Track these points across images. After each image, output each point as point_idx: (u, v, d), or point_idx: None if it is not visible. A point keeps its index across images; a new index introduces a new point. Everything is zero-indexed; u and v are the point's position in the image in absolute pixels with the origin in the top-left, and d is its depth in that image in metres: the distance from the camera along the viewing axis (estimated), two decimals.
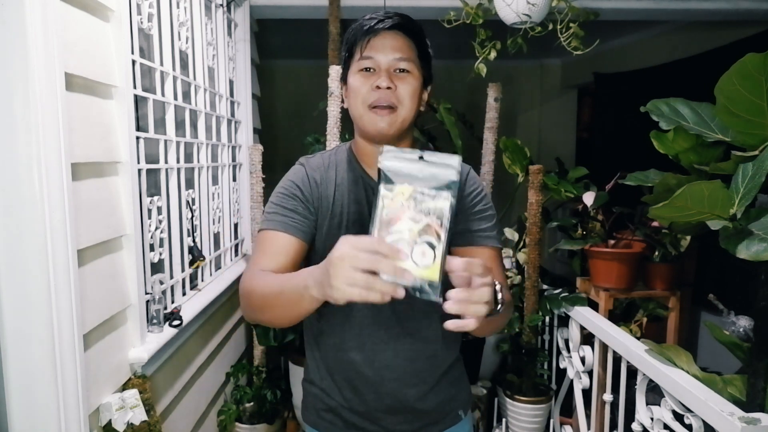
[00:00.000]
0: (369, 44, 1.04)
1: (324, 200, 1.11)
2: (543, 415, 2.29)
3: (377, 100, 1.04)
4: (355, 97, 1.07)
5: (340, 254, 0.74)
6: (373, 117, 1.05)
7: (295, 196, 1.10)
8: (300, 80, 4.52)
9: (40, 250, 1.06)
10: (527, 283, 2.32)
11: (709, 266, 2.86)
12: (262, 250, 1.08)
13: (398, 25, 1.05)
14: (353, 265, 0.73)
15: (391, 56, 1.04)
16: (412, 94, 1.06)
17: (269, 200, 1.13)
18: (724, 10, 2.56)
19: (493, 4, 2.08)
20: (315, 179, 1.12)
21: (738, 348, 1.64)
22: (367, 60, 1.05)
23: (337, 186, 1.12)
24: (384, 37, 1.04)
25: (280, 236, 1.07)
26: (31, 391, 1.09)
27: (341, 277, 0.73)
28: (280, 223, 1.07)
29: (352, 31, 1.08)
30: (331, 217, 1.10)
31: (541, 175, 2.30)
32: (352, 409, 1.15)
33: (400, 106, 1.05)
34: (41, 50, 1.03)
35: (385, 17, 1.04)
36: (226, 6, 2.31)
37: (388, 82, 1.03)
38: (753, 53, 1.22)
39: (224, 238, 2.33)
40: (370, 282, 0.72)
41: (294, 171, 1.15)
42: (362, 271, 0.72)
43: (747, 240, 1.21)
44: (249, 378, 2.36)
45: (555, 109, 4.98)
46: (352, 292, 0.73)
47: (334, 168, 1.14)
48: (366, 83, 1.05)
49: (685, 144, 1.61)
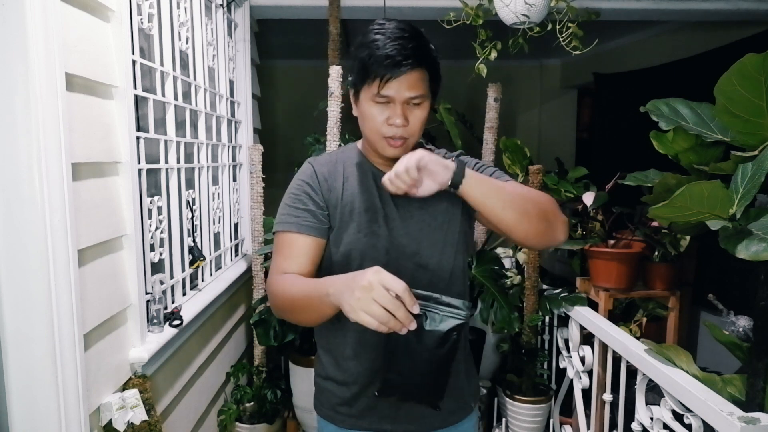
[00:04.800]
0: (387, 84, 1.05)
1: (333, 191, 1.16)
2: (543, 414, 2.29)
3: (392, 135, 1.09)
4: (369, 124, 1.11)
5: (369, 284, 0.85)
6: (387, 146, 1.12)
7: (306, 193, 1.15)
8: (300, 80, 4.52)
9: (40, 250, 1.06)
10: (527, 283, 2.32)
11: (709, 266, 2.86)
12: (282, 253, 1.14)
13: (418, 64, 1.06)
14: (376, 299, 0.84)
15: (406, 95, 1.07)
16: (422, 123, 1.12)
17: (283, 201, 1.18)
18: (724, 10, 2.56)
19: (492, 4, 2.08)
20: (323, 174, 1.17)
21: (737, 348, 1.64)
22: (383, 97, 1.07)
23: (346, 178, 1.18)
24: (402, 78, 1.05)
25: (297, 238, 1.13)
26: (31, 391, 1.09)
27: (362, 304, 0.85)
28: (294, 224, 1.13)
29: (370, 61, 1.06)
30: (342, 206, 1.15)
31: (541, 175, 2.30)
32: (370, 395, 1.17)
33: (411, 137, 1.12)
34: (42, 50, 1.03)
35: (404, 57, 1.04)
36: (226, 6, 2.31)
37: (402, 120, 1.08)
38: (752, 53, 1.22)
39: (224, 238, 2.34)
40: (385, 319, 0.84)
41: (303, 170, 1.20)
42: (381, 306, 0.84)
43: (746, 240, 1.21)
44: (249, 378, 2.36)
45: (555, 109, 4.98)
46: (366, 320, 0.85)
47: (342, 163, 1.20)
48: (380, 115, 1.09)
49: (685, 144, 1.61)
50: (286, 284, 1.07)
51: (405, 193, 1.07)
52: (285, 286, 1.07)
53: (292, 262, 1.12)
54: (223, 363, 2.20)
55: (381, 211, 1.15)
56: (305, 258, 1.13)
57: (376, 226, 1.14)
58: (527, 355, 2.33)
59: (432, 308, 0.95)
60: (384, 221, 1.15)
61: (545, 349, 2.49)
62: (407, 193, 1.06)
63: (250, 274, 2.40)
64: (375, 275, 0.86)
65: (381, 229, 1.15)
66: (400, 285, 0.86)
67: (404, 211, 1.17)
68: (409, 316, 0.87)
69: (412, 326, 0.87)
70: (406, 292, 0.86)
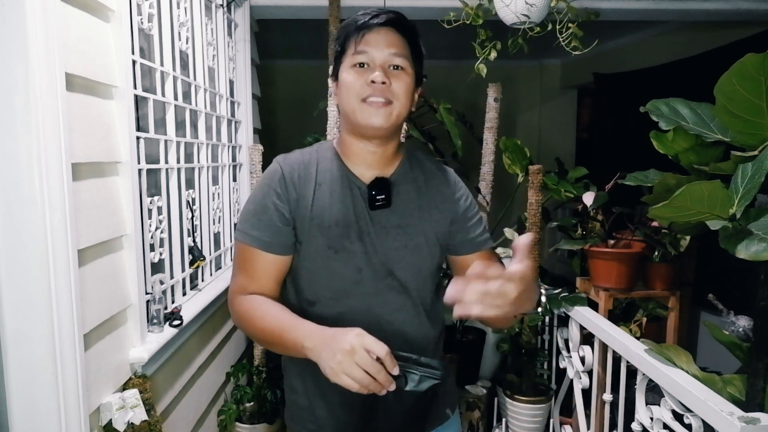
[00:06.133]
0: (363, 39, 1.02)
1: (302, 200, 1.07)
2: (543, 414, 2.29)
3: (372, 93, 1.01)
4: (348, 91, 1.03)
5: (351, 348, 0.84)
6: (368, 111, 1.02)
7: (273, 204, 1.06)
8: (300, 80, 4.52)
9: (40, 250, 1.06)
10: None
11: (709, 266, 2.86)
12: (243, 268, 1.08)
13: (392, 21, 1.03)
14: (358, 363, 0.84)
15: (386, 51, 1.02)
16: (406, 90, 1.04)
17: (246, 204, 1.11)
18: (724, 10, 2.56)
19: (492, 4, 2.08)
20: (293, 179, 1.07)
21: (737, 348, 1.64)
22: (361, 55, 1.02)
23: (318, 184, 1.08)
24: (378, 33, 1.02)
25: (261, 256, 1.06)
26: (31, 391, 1.09)
27: (343, 368, 0.84)
28: (257, 240, 1.06)
29: (345, 27, 1.05)
30: (311, 218, 1.06)
31: (541, 175, 2.30)
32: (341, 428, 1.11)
33: (396, 101, 1.03)
34: (42, 50, 1.03)
35: (379, 12, 1.03)
36: (226, 6, 2.31)
37: (383, 77, 1.01)
38: (752, 53, 1.22)
39: (224, 238, 2.34)
40: (366, 382, 0.84)
41: (271, 171, 1.10)
42: (362, 370, 0.84)
43: (746, 240, 1.21)
44: (249, 378, 2.36)
45: (555, 109, 4.98)
46: (347, 383, 0.85)
47: (315, 165, 1.10)
48: (360, 78, 1.02)
49: (685, 144, 1.61)
50: (256, 313, 1.03)
51: (382, 207, 1.05)
52: (254, 315, 1.03)
53: (254, 283, 1.07)
54: (223, 363, 2.20)
55: (355, 225, 1.06)
56: (268, 277, 1.07)
57: (349, 242, 1.05)
58: (527, 355, 2.33)
59: (411, 369, 0.95)
60: (357, 237, 1.06)
61: (545, 349, 2.49)
62: (387, 207, 1.05)
63: None
64: (357, 339, 0.85)
65: (354, 245, 1.06)
66: (382, 349, 0.85)
67: (380, 227, 1.07)
68: (389, 379, 0.87)
69: (391, 388, 0.87)
70: (388, 355, 0.86)
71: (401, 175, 1.12)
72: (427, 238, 1.11)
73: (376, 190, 1.08)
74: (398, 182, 1.11)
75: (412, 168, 1.14)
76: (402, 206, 1.10)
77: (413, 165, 1.15)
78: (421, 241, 1.10)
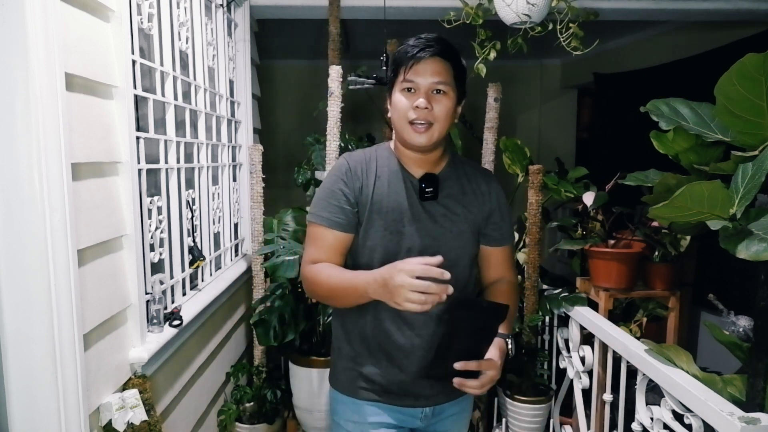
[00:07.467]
0: (412, 69, 1.21)
1: (364, 188, 1.28)
2: (543, 415, 2.29)
3: (416, 118, 1.22)
4: (398, 112, 1.24)
5: (401, 283, 1.04)
6: (413, 132, 1.23)
7: (340, 190, 1.28)
8: (300, 80, 4.52)
9: (40, 250, 1.06)
10: (527, 283, 2.32)
11: (709, 266, 2.86)
12: (314, 243, 1.29)
13: (438, 52, 1.21)
14: (412, 290, 1.04)
15: (430, 80, 1.21)
16: (447, 113, 1.23)
17: (317, 193, 1.32)
18: (724, 10, 2.56)
19: (493, 4, 2.08)
20: (357, 171, 1.29)
21: (738, 348, 1.64)
22: (409, 82, 1.22)
23: (378, 177, 1.29)
24: (425, 63, 1.21)
25: (328, 232, 1.27)
26: (31, 391, 1.09)
27: (401, 297, 1.05)
28: (326, 220, 1.27)
29: (398, 55, 1.24)
30: (371, 204, 1.27)
31: (541, 175, 2.30)
32: (385, 376, 1.31)
33: (436, 123, 1.23)
34: (41, 50, 1.03)
35: (427, 45, 1.20)
36: (226, 6, 2.31)
37: (425, 103, 1.20)
38: (753, 53, 1.22)
39: (224, 238, 2.34)
40: (422, 299, 1.04)
41: (338, 165, 1.32)
42: (417, 293, 1.03)
43: (747, 240, 1.21)
44: (249, 378, 2.36)
45: (555, 109, 4.98)
46: (410, 307, 1.05)
47: (375, 161, 1.31)
48: (407, 102, 1.22)
49: (685, 144, 1.61)
50: (323, 274, 1.24)
51: (430, 198, 1.27)
52: (322, 277, 1.24)
53: (323, 255, 1.27)
54: (223, 363, 2.20)
55: (407, 212, 1.28)
56: (335, 251, 1.28)
57: (402, 226, 1.27)
58: (527, 355, 2.33)
59: None
60: (409, 222, 1.27)
61: (545, 349, 2.49)
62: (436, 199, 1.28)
63: (250, 274, 2.39)
64: (400, 276, 1.04)
65: (406, 228, 1.27)
66: (422, 268, 1.04)
67: (429, 214, 1.29)
68: (442, 286, 1.04)
69: (449, 291, 1.04)
70: (428, 267, 1.04)
71: (447, 173, 1.33)
72: (468, 226, 1.32)
73: (426, 183, 1.29)
74: (444, 178, 1.32)
75: (456, 168, 1.36)
76: (448, 198, 1.31)
77: (457, 165, 1.36)
78: (464, 228, 1.32)
